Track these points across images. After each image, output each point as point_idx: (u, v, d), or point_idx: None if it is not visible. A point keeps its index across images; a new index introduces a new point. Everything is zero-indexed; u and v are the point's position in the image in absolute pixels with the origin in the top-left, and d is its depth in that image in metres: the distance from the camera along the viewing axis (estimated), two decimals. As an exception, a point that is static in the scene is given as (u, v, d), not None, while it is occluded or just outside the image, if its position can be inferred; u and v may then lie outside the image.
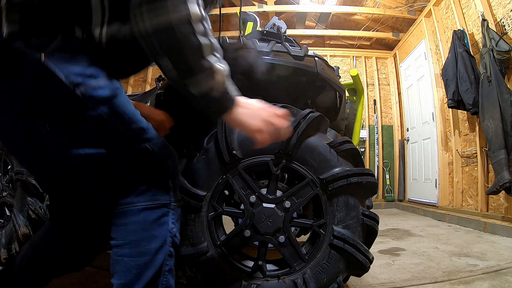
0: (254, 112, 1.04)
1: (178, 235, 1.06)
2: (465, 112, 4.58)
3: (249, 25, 2.47)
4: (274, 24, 2.28)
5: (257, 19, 2.50)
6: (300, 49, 1.69)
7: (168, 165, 1.06)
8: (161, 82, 2.37)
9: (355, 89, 2.40)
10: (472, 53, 4.31)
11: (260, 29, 2.42)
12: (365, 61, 7.42)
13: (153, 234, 1.00)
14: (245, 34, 2.42)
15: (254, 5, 6.53)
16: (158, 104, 1.70)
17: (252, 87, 1.88)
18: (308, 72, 1.67)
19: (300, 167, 1.47)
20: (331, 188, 1.44)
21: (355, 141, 2.36)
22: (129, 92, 7.67)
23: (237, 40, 1.72)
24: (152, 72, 7.69)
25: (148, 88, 7.62)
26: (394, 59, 7.34)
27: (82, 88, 0.87)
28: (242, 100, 1.03)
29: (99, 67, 0.92)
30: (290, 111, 1.51)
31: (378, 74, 7.37)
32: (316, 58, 1.71)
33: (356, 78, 2.30)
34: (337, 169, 1.45)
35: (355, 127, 2.38)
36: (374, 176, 1.49)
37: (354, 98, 2.45)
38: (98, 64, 0.92)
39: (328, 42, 7.86)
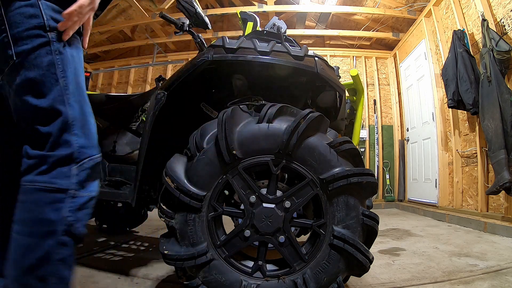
0: None
1: (79, 226, 1.04)
2: (465, 112, 4.58)
3: (249, 25, 2.47)
4: (274, 24, 2.29)
5: (257, 19, 2.50)
6: (300, 49, 1.69)
7: (74, 150, 1.04)
8: (161, 82, 2.38)
9: (355, 89, 2.40)
10: (472, 53, 4.31)
11: (260, 29, 2.42)
12: (365, 61, 7.43)
13: (44, 217, 0.99)
14: (245, 34, 2.42)
15: (254, 5, 6.54)
16: (158, 104, 1.70)
17: (252, 86, 1.89)
18: (308, 72, 1.67)
19: (300, 167, 1.46)
20: (331, 188, 1.43)
21: (355, 141, 2.36)
22: (129, 91, 7.69)
23: (237, 39, 1.72)
24: (152, 72, 7.70)
25: (148, 88, 7.63)
26: (394, 59, 7.35)
27: None
28: None
29: None
30: (290, 111, 1.51)
31: (378, 74, 7.38)
32: (316, 58, 1.71)
33: (356, 78, 2.30)
34: (337, 169, 1.45)
35: (355, 127, 2.38)
36: (374, 176, 1.49)
37: (354, 98, 2.45)
38: None
39: (328, 42, 7.87)
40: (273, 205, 1.47)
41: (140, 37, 8.02)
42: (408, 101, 6.79)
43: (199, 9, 2.20)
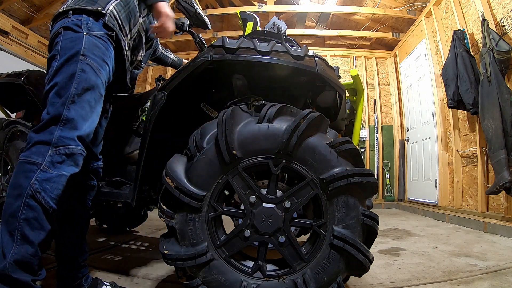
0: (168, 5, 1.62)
1: (46, 196, 1.25)
2: (465, 112, 4.59)
3: (249, 25, 2.47)
4: (274, 24, 2.28)
5: (257, 19, 2.50)
6: (300, 49, 1.69)
7: (53, 137, 1.30)
8: (161, 82, 2.38)
9: (355, 89, 2.40)
10: (472, 53, 4.32)
11: (260, 29, 2.43)
12: (365, 61, 7.43)
13: (17, 182, 1.26)
14: (245, 34, 2.42)
15: (254, 5, 6.54)
16: (157, 104, 1.70)
17: (252, 86, 1.89)
18: (308, 72, 1.67)
19: (300, 167, 1.46)
20: (331, 188, 1.43)
21: (355, 141, 2.35)
22: (129, 92, 7.66)
23: (237, 39, 1.72)
24: (152, 72, 7.70)
25: (148, 88, 7.62)
26: (394, 59, 7.35)
27: None
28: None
29: None
30: (290, 111, 1.51)
31: (378, 74, 7.38)
32: (316, 58, 1.71)
33: (356, 78, 2.29)
34: (337, 169, 1.45)
35: (355, 127, 2.38)
36: (374, 176, 1.49)
37: (354, 98, 2.44)
38: None
39: (328, 42, 7.87)
40: (273, 205, 1.47)
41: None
42: (408, 101, 6.79)
43: (199, 9, 2.20)
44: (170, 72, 7.59)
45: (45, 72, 1.48)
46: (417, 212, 5.62)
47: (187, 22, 2.25)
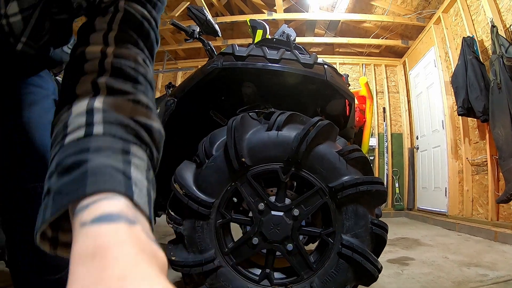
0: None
1: None
2: (475, 119, 4.54)
3: (259, 33, 2.49)
4: (283, 32, 2.30)
5: (267, 27, 2.52)
6: (309, 57, 1.70)
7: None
8: (171, 89, 2.40)
9: (365, 96, 2.40)
10: (482, 60, 4.28)
11: (269, 37, 2.44)
12: (374, 69, 7.41)
13: None
14: (255, 41, 2.44)
15: (263, 13, 6.59)
16: (167, 111, 1.71)
17: (262, 94, 1.90)
18: (318, 80, 1.67)
19: (309, 175, 1.46)
20: (340, 197, 1.43)
21: (364, 149, 2.35)
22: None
23: (247, 47, 1.73)
24: (162, 79, 7.75)
25: (158, 94, 7.68)
26: (404, 66, 7.32)
27: None
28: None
29: None
30: (300, 119, 1.51)
31: (387, 82, 7.35)
32: (326, 66, 1.71)
33: (365, 86, 2.30)
34: (346, 177, 1.44)
35: (364, 135, 2.37)
36: (384, 185, 1.48)
37: (364, 105, 2.44)
38: None
39: (337, 49, 7.86)
40: (281, 213, 1.47)
41: (150, 43, 8.07)
42: (417, 109, 6.75)
43: (210, 17, 2.22)
44: (180, 79, 7.64)
45: None
46: (426, 221, 5.55)
47: (198, 29, 2.27)
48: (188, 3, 6.29)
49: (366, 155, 1.88)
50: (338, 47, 7.84)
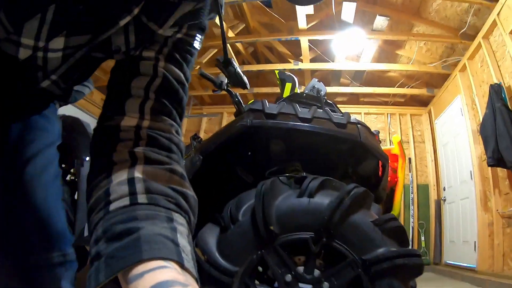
0: None
1: None
2: (505, 169, 4.31)
3: (287, 86, 2.44)
4: (313, 87, 2.25)
5: (296, 80, 2.47)
6: (342, 116, 1.62)
7: None
8: (196, 141, 2.35)
9: (397, 155, 2.29)
10: (510, 107, 4.12)
11: (298, 91, 2.40)
12: (399, 118, 7.30)
13: None
14: (283, 95, 2.39)
15: (290, 62, 6.64)
16: (193, 168, 1.65)
17: (290, 152, 1.82)
18: (351, 140, 1.59)
19: (341, 246, 1.35)
20: (374, 270, 1.30)
21: (395, 211, 2.22)
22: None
23: (276, 103, 1.68)
24: (187, 123, 7.80)
25: (183, 139, 7.74)
26: (429, 115, 7.18)
27: None
28: None
29: None
30: (333, 185, 1.42)
31: (413, 131, 7.20)
32: (359, 126, 1.63)
33: (398, 145, 2.20)
34: (381, 249, 1.32)
35: (396, 195, 2.24)
36: (421, 257, 1.35)
37: (395, 164, 2.33)
38: None
39: (362, 99, 7.84)
40: (310, 286, 1.35)
41: (179, 87, 8.21)
42: (444, 159, 6.52)
43: (239, 69, 2.20)
44: (204, 124, 7.68)
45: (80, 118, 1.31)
46: (454, 276, 5.13)
47: (226, 81, 2.23)
48: (216, 50, 6.41)
49: (398, 216, 1.76)
50: (363, 96, 7.81)
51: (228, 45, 2.17)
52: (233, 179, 1.88)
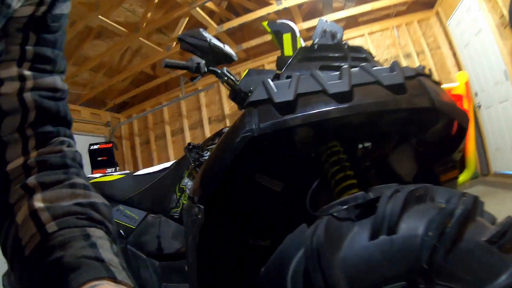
0: None
1: None
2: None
3: (286, 38, 1.81)
4: (324, 31, 1.61)
5: (294, 27, 1.84)
6: (392, 71, 1.04)
7: None
8: (193, 153, 1.81)
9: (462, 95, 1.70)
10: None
11: (302, 42, 1.81)
12: (407, 29, 6.56)
13: None
14: (285, 53, 1.80)
15: (271, 4, 5.83)
16: (194, 225, 1.11)
17: (320, 136, 1.27)
18: (419, 109, 1.02)
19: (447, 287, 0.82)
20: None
21: (470, 170, 1.67)
22: (167, 130, 7.42)
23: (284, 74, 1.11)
24: (186, 104, 7.24)
25: (186, 122, 7.31)
26: (438, 17, 6.43)
27: None
28: None
29: None
30: (418, 198, 0.87)
31: (425, 39, 6.49)
32: (421, 79, 1.06)
33: (465, 85, 1.61)
34: (503, 276, 0.79)
35: (468, 149, 1.69)
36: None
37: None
38: None
39: (361, 19, 7.07)
40: None
41: (162, 72, 7.55)
42: (468, 61, 5.82)
43: (214, 40, 1.61)
44: (203, 99, 7.11)
45: None
46: (509, 187, 4.62)
47: (203, 61, 1.65)
48: (188, 18, 5.71)
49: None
50: (361, 16, 7.04)
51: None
52: (255, 191, 1.35)
